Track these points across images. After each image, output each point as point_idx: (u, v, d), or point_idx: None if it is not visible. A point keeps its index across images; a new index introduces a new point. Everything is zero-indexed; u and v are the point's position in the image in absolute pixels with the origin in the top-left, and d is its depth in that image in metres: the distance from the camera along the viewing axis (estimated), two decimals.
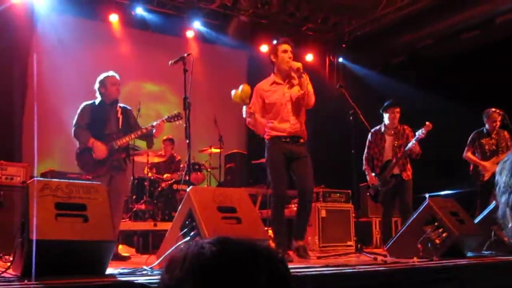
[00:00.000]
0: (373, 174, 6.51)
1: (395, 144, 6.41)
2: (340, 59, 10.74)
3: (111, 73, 5.60)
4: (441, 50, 9.52)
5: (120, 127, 5.57)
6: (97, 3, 9.04)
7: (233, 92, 5.10)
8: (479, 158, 7.04)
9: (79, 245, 3.04)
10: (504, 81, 7.90)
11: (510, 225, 1.03)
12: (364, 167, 6.57)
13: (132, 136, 5.51)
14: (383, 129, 6.57)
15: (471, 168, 7.13)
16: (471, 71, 8.56)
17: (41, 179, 3.24)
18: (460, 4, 8.66)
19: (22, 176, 6.09)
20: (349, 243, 7.41)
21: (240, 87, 5.08)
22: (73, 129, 5.44)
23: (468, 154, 7.15)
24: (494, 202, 5.70)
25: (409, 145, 6.25)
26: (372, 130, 6.49)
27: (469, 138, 7.21)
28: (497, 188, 1.08)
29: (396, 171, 6.37)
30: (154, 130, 5.57)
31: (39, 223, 2.92)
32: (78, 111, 5.50)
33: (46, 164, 8.12)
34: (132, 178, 7.35)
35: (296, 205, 7.88)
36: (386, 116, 6.53)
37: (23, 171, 6.13)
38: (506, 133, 7.03)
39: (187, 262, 0.97)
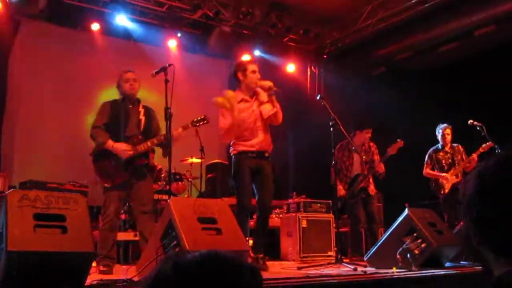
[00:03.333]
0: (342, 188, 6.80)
1: (363, 159, 6.71)
2: (322, 70, 10.82)
3: (127, 68, 5.25)
4: (421, 62, 9.65)
5: (141, 129, 5.13)
6: (79, 11, 8.96)
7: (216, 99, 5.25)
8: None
9: (58, 256, 3.01)
10: (482, 93, 8.03)
11: (475, 241, 1.06)
12: (332, 182, 6.60)
13: (155, 141, 5.00)
14: (350, 145, 6.78)
15: (432, 184, 7.41)
16: (450, 83, 8.69)
17: (20, 189, 3.21)
18: (440, 17, 8.78)
19: (0, 186, 6.03)
20: (329, 253, 7.42)
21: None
22: (90, 130, 5.05)
23: (427, 170, 7.45)
24: None
25: (377, 161, 6.71)
26: (338, 146, 6.67)
27: (426, 155, 7.51)
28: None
29: (363, 184, 6.75)
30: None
31: (17, 234, 2.90)
32: (98, 110, 5.16)
33: (25, 173, 8.02)
34: None
35: (276, 215, 7.98)
36: (358, 135, 6.77)
37: (1, 180, 6.08)
38: (460, 146, 7.38)
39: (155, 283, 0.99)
